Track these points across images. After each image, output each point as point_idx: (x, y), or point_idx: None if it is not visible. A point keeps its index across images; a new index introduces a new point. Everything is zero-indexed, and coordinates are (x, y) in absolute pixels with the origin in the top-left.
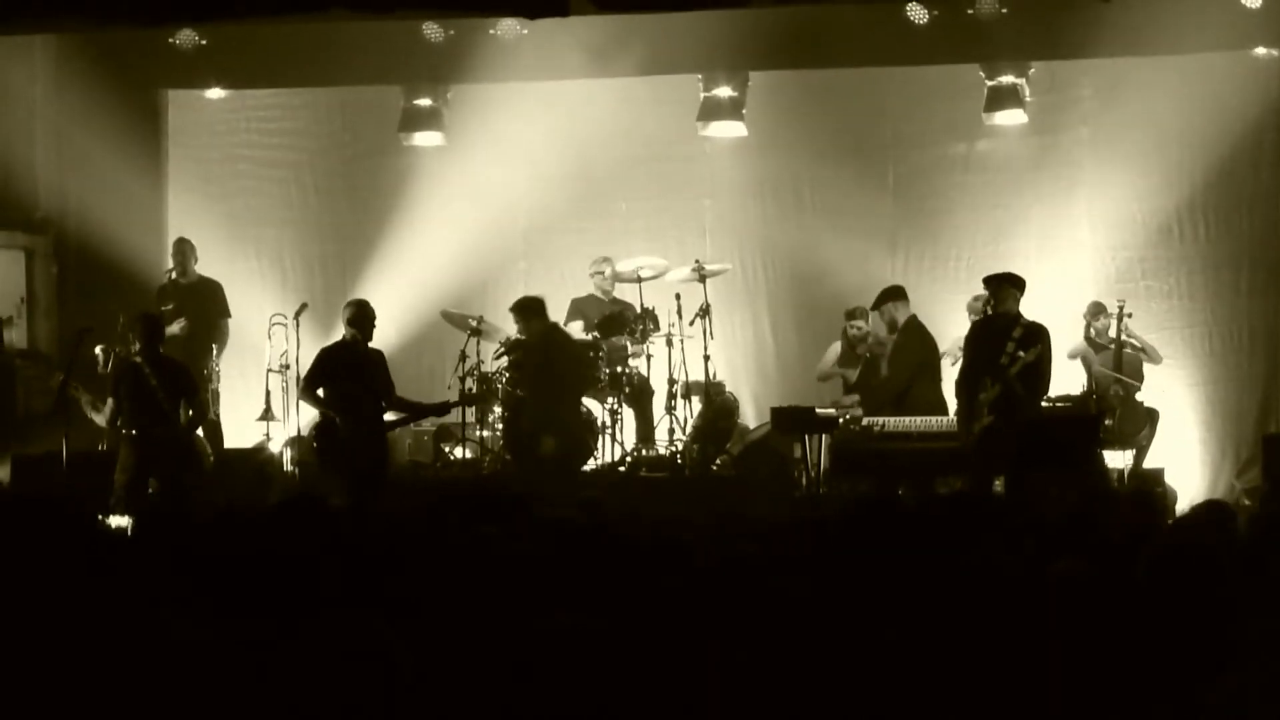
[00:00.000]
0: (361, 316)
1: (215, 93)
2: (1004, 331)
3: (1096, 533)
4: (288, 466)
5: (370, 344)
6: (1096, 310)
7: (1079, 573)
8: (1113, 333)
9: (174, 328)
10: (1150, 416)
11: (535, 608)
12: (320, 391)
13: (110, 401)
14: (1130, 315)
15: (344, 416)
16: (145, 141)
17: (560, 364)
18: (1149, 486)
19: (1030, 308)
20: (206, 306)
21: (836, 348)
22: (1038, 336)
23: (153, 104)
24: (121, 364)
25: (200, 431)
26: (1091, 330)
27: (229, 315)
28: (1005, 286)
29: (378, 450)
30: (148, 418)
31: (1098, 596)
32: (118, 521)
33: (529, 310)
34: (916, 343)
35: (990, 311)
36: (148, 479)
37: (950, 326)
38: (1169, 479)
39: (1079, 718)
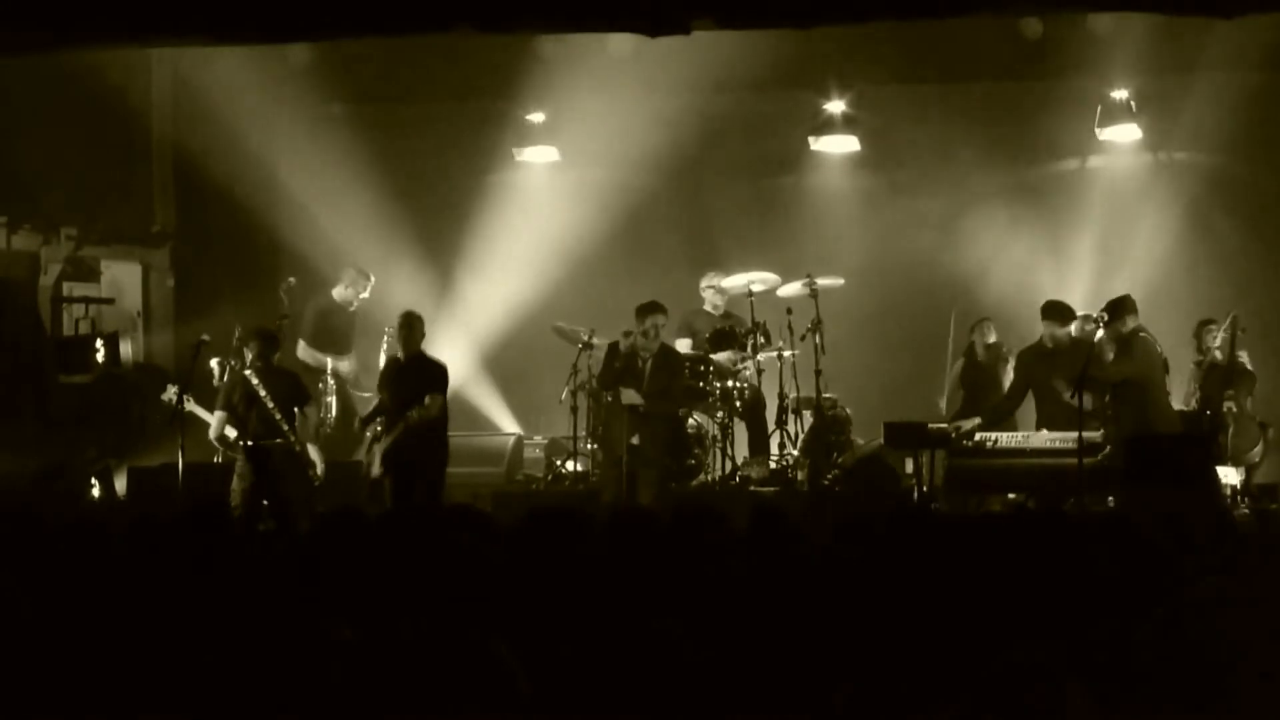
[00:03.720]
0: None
1: (330, 106)
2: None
3: (1214, 552)
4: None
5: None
6: (1204, 325)
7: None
8: (1217, 345)
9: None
10: (1263, 431)
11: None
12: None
13: (218, 414)
14: (1244, 330)
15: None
16: (259, 155)
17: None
18: (1263, 504)
19: (1147, 323)
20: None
21: (959, 366)
22: (1125, 349)
23: (266, 119)
24: (234, 376)
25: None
26: (1209, 342)
27: None
28: (1118, 317)
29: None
30: (261, 429)
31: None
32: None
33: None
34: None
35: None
36: (264, 489)
37: None
38: None
39: None
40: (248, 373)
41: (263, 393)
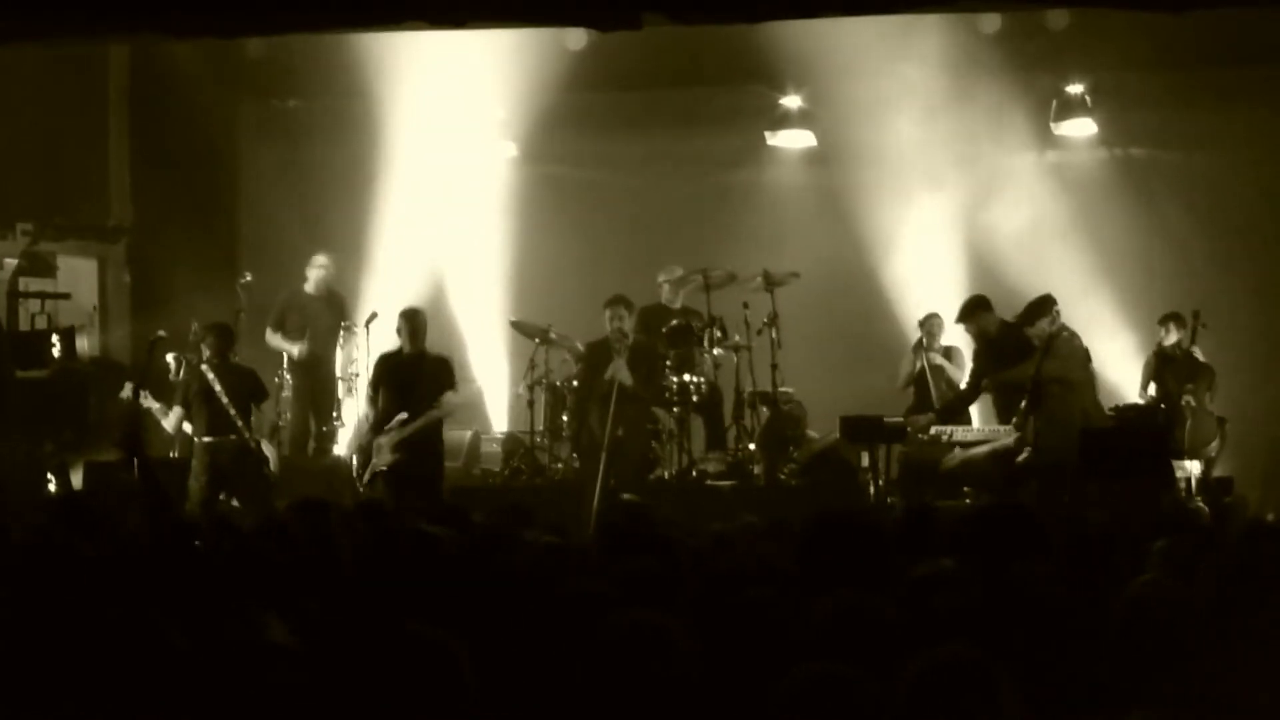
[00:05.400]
0: (407, 326)
1: (287, 102)
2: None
3: (1166, 546)
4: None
5: (426, 352)
6: (1169, 319)
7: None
8: (1170, 340)
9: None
10: (1220, 425)
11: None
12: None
13: (177, 408)
14: (1205, 325)
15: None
16: (218, 149)
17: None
18: (1219, 497)
19: (1102, 318)
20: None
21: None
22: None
23: (226, 112)
24: (191, 370)
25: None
26: (1166, 337)
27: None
28: (1033, 320)
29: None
30: (216, 425)
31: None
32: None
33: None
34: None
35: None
36: (220, 486)
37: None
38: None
39: None
40: (204, 368)
41: (218, 389)
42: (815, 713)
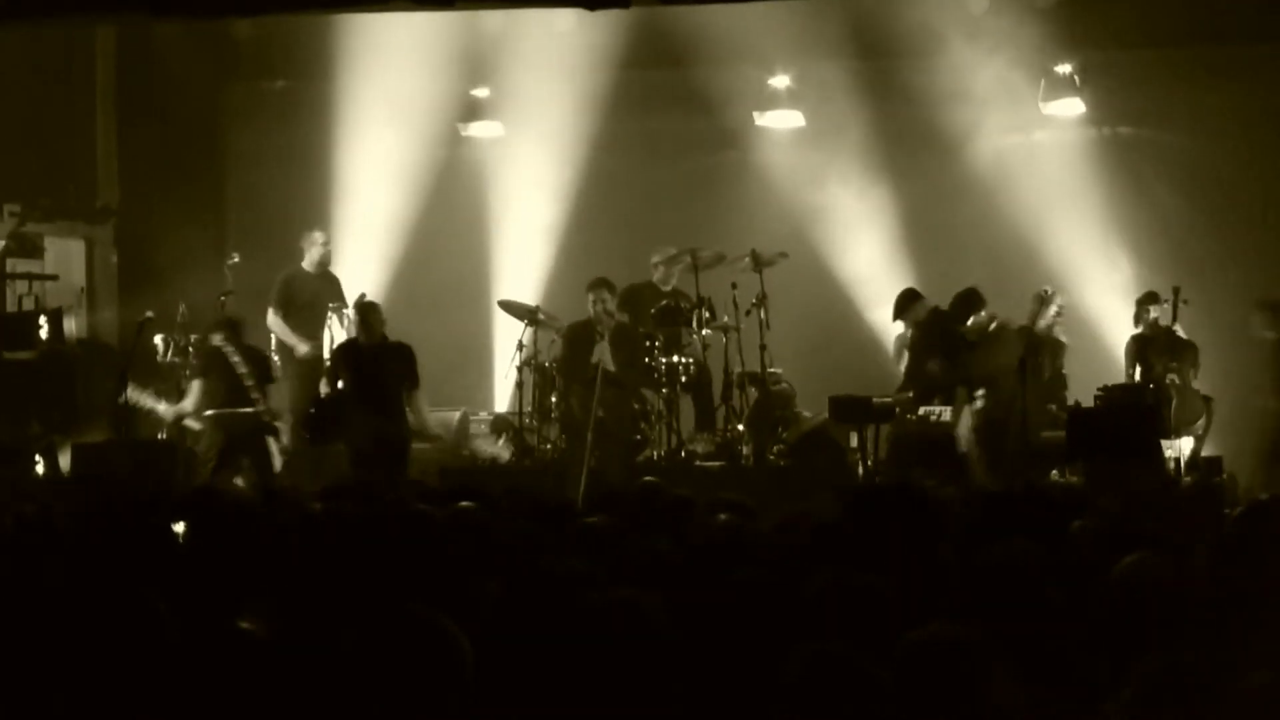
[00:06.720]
0: (358, 319)
1: (275, 83)
2: None
3: (1158, 525)
4: None
5: (386, 340)
6: (1148, 299)
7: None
8: (1159, 318)
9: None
10: (1207, 404)
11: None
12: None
13: (197, 384)
14: (1186, 302)
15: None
16: (205, 131)
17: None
18: (1209, 476)
19: (1089, 299)
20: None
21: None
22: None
23: (213, 93)
24: (209, 350)
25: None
26: (1147, 316)
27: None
28: (967, 314)
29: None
30: (232, 398)
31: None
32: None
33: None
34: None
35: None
36: (231, 461)
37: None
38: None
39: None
40: (220, 343)
41: (239, 366)
42: (820, 692)
